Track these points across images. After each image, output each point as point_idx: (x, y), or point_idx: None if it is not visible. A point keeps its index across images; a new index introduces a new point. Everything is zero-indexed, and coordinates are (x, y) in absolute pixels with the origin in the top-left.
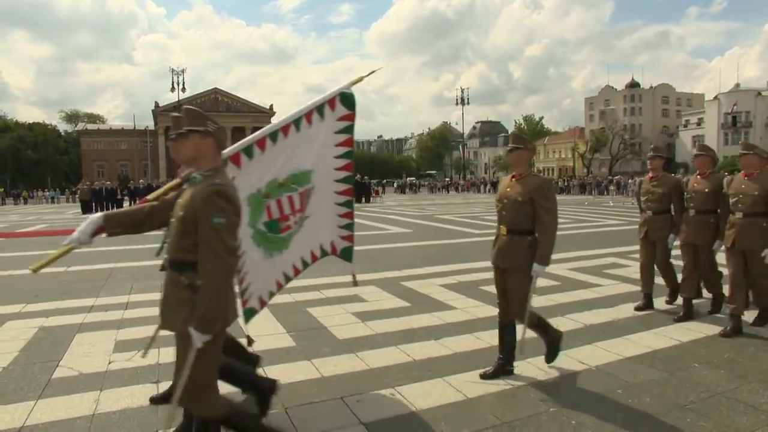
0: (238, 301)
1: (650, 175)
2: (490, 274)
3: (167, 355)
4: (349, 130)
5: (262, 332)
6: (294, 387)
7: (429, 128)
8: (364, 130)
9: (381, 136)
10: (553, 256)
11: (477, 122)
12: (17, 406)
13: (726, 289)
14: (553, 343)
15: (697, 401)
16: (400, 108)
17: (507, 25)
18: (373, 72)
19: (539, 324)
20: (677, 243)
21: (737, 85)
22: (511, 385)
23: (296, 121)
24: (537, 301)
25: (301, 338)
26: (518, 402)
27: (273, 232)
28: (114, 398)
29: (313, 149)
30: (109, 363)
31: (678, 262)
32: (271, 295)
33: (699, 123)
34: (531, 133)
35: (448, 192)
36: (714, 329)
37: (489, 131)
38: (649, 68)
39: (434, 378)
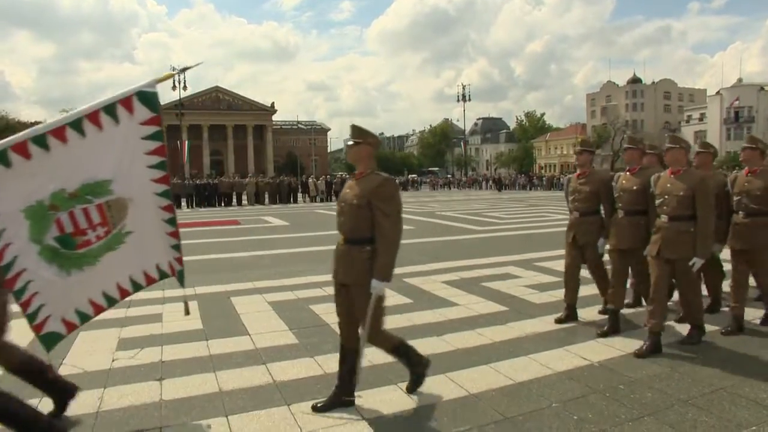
0: (30, 326)
1: (578, 171)
2: (493, 271)
3: (170, 352)
4: (158, 136)
5: (264, 330)
6: (297, 384)
7: (430, 125)
8: (365, 126)
9: (382, 133)
10: (544, 253)
11: (478, 119)
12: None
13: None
14: (417, 371)
15: (699, 396)
16: (401, 105)
17: (508, 22)
18: (188, 68)
19: (399, 349)
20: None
21: (739, 80)
22: (513, 381)
23: (74, 124)
24: (539, 298)
25: (304, 335)
26: (520, 397)
27: (67, 248)
28: (117, 395)
29: (110, 156)
30: (113, 361)
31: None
32: (84, 317)
33: (701, 118)
34: (533, 130)
35: (450, 189)
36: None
37: (490, 128)
38: (650, 64)
39: (436, 374)
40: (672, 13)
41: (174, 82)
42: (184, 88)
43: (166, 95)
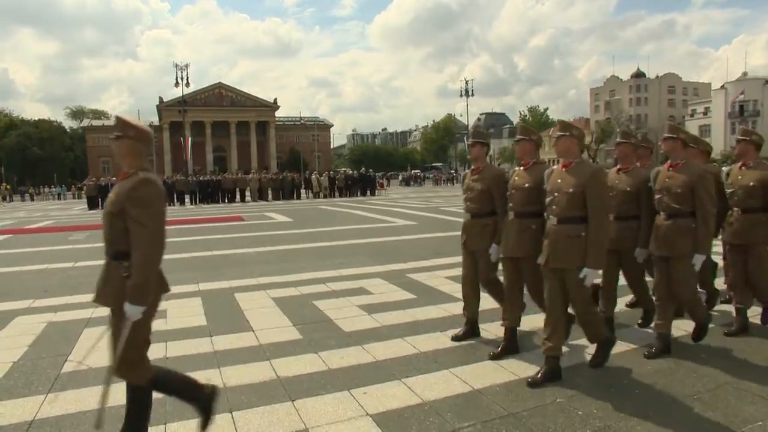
0: None
1: (472, 167)
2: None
3: (174, 348)
4: None
5: (268, 326)
6: (301, 380)
7: (433, 120)
8: (368, 122)
9: (385, 129)
10: None
11: (482, 114)
12: (28, 400)
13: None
14: (199, 404)
15: (704, 391)
16: (404, 100)
17: (511, 16)
18: None
19: (164, 384)
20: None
21: (744, 73)
22: (518, 377)
23: None
24: None
25: (308, 331)
26: (525, 393)
27: None
28: (123, 392)
29: None
30: None
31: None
32: None
33: (706, 112)
34: (536, 124)
35: (453, 184)
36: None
37: (494, 123)
38: (654, 58)
39: (440, 369)
40: (676, 7)
41: (177, 79)
42: (187, 84)
43: (170, 92)
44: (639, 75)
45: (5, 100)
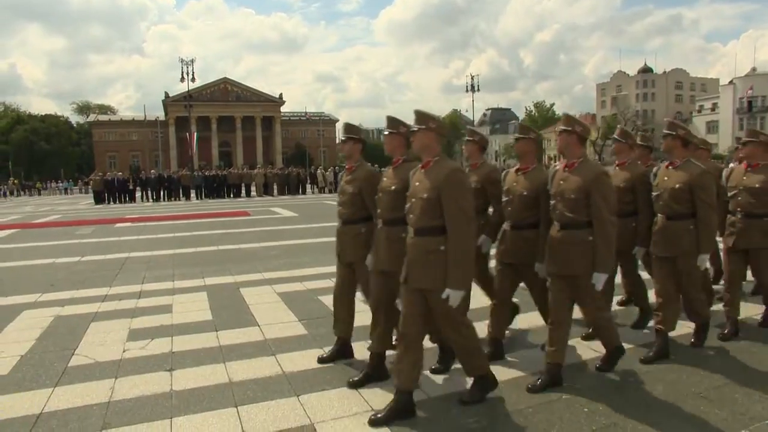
0: None
1: (347, 165)
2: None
3: (180, 343)
4: None
5: (273, 321)
6: (306, 375)
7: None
8: (373, 117)
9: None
10: None
11: (487, 109)
12: (35, 393)
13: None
14: None
15: (711, 389)
16: (410, 95)
17: (517, 11)
18: None
19: None
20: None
21: (753, 69)
22: (524, 373)
23: None
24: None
25: (313, 326)
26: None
27: None
28: (129, 386)
29: None
30: (124, 351)
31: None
32: None
33: (713, 108)
34: (542, 120)
35: None
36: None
37: (499, 118)
38: (662, 53)
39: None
40: (683, 1)
41: (183, 74)
42: (193, 80)
43: (175, 87)
44: (646, 70)
45: (13, 95)
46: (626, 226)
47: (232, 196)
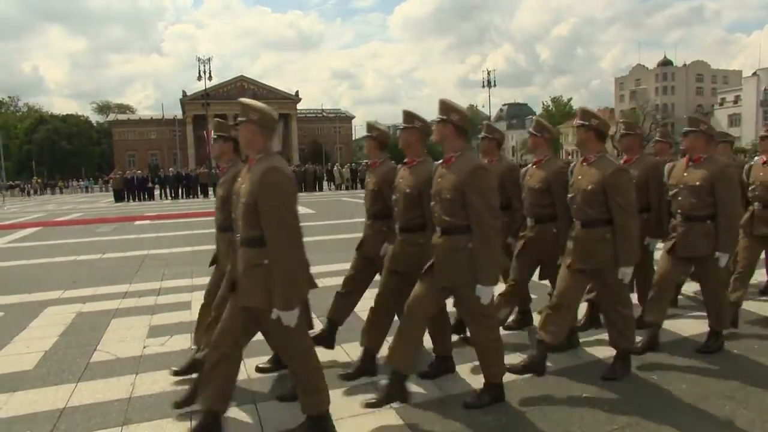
0: None
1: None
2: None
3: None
4: None
5: None
6: (324, 371)
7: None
8: (389, 113)
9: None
10: None
11: (504, 105)
12: (59, 388)
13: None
14: None
15: (736, 389)
16: (425, 91)
17: (533, 5)
18: None
19: None
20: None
21: None
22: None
23: None
24: None
25: None
26: (550, 387)
27: None
28: (149, 382)
29: None
30: (144, 347)
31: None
32: None
33: (736, 101)
34: (559, 115)
35: None
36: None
37: (516, 114)
38: (682, 45)
39: (463, 363)
40: None
41: (200, 73)
42: (210, 78)
43: (193, 85)
44: (666, 63)
45: (35, 96)
46: (546, 231)
47: None
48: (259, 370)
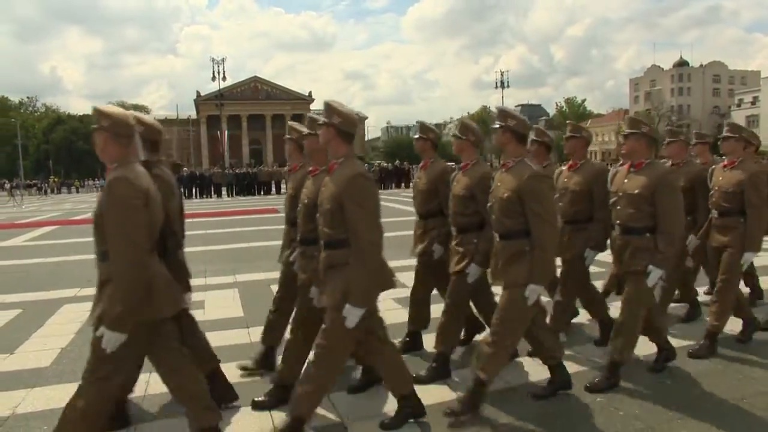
0: None
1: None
2: None
3: (211, 339)
4: None
5: None
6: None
7: (468, 113)
8: (402, 115)
9: (420, 121)
10: None
11: (517, 106)
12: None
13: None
14: None
15: (754, 395)
16: (438, 92)
17: (547, 6)
18: None
19: None
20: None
21: None
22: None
23: None
24: None
25: None
26: (564, 391)
27: None
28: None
29: None
30: None
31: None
32: None
33: (754, 102)
34: (573, 116)
35: None
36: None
37: (530, 115)
38: (698, 46)
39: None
40: None
41: (214, 73)
42: (224, 79)
43: (207, 86)
44: (682, 64)
45: (53, 97)
46: (467, 242)
47: (262, 193)
48: (243, 369)
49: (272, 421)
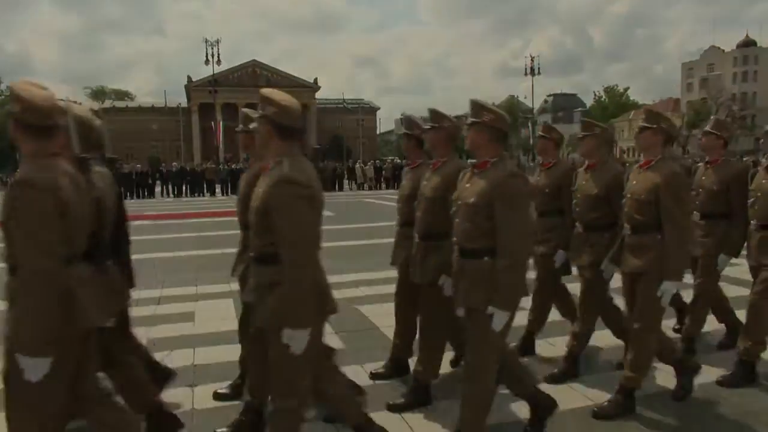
0: None
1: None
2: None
3: (203, 355)
4: None
5: None
6: None
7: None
8: (419, 105)
9: (432, 108)
10: None
11: (549, 95)
12: None
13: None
14: None
15: None
16: (459, 80)
17: None
18: None
19: None
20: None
21: None
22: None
23: None
24: None
25: (351, 340)
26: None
27: None
28: None
29: None
30: None
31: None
32: None
33: None
34: (614, 107)
35: None
36: None
37: (563, 105)
38: (767, 22)
39: None
40: None
41: (207, 56)
42: (218, 62)
43: (199, 70)
44: (748, 44)
45: (21, 78)
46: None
47: None
48: (217, 396)
49: None
